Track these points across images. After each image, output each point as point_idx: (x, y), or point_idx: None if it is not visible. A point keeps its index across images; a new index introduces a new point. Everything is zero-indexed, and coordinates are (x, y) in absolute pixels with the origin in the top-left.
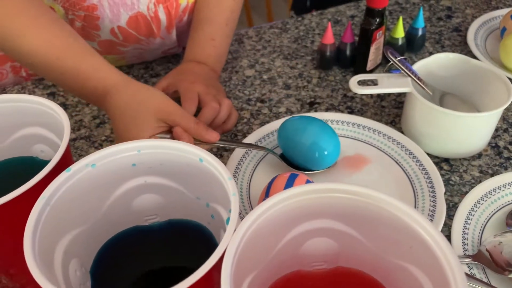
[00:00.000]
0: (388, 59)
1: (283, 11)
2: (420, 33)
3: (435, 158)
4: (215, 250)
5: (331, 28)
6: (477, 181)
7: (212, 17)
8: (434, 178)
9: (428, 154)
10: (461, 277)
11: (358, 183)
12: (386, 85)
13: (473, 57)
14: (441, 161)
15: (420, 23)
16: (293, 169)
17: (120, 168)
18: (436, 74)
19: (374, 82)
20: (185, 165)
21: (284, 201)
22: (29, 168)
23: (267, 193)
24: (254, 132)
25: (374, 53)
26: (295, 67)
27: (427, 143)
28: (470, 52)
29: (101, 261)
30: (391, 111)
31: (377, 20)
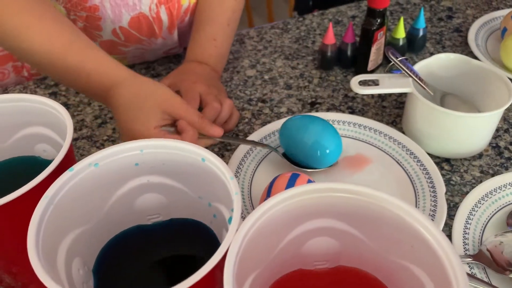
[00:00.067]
0: (389, 60)
1: (283, 12)
2: (421, 33)
3: (436, 158)
4: (218, 249)
5: (332, 29)
6: (478, 181)
7: (213, 17)
8: (435, 178)
9: (429, 154)
10: (462, 276)
11: (359, 183)
12: (387, 85)
13: (474, 57)
14: (442, 161)
15: (421, 24)
16: (296, 167)
17: (122, 168)
18: (437, 75)
19: (375, 82)
20: (188, 164)
21: (285, 200)
22: (31, 167)
23: (268, 192)
24: (256, 132)
25: (375, 54)
26: (296, 67)
27: (428, 143)
28: (471, 53)
29: (104, 260)
30: (392, 111)
31: (378, 20)
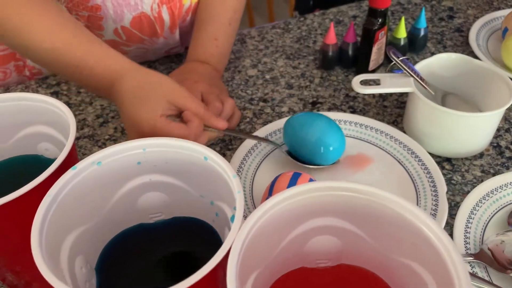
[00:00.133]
0: (391, 59)
1: (284, 12)
2: (422, 33)
3: (437, 158)
4: (221, 247)
5: (333, 28)
6: (479, 181)
7: (215, 16)
8: (436, 178)
9: (430, 154)
10: (464, 273)
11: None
12: (389, 85)
13: (475, 57)
14: (443, 160)
15: (422, 24)
16: (299, 163)
17: (125, 166)
18: (438, 74)
19: (377, 82)
20: (190, 163)
21: (288, 199)
22: (34, 166)
23: (270, 191)
24: (257, 131)
25: (376, 53)
26: (297, 67)
27: (429, 143)
28: (472, 53)
29: (106, 258)
30: (393, 111)
31: (380, 20)
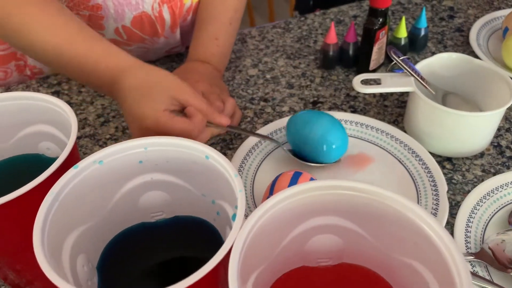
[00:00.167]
0: (391, 59)
1: (285, 12)
2: (422, 33)
3: (437, 157)
4: (222, 246)
5: (334, 28)
6: (480, 180)
7: (215, 16)
8: (437, 177)
9: (430, 153)
10: (465, 272)
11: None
12: (389, 84)
13: (476, 57)
14: (444, 160)
15: (423, 23)
16: (301, 161)
17: (127, 165)
18: (439, 74)
19: (377, 82)
20: (191, 162)
21: (289, 198)
22: (35, 165)
23: (271, 191)
24: (258, 131)
25: (377, 53)
26: (298, 67)
27: (430, 142)
28: (472, 52)
29: (108, 257)
30: (394, 110)
31: (380, 20)
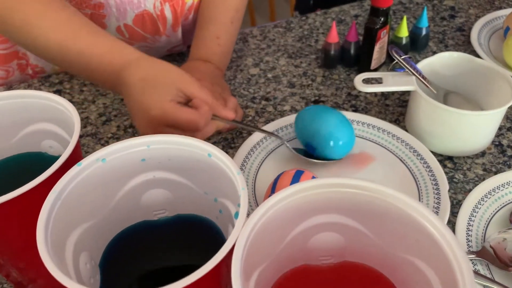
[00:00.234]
0: (393, 58)
1: (285, 12)
2: (423, 32)
3: (439, 156)
4: (225, 243)
5: (335, 27)
6: (481, 179)
7: (217, 15)
8: (438, 176)
9: (432, 152)
10: (467, 270)
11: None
12: (391, 83)
13: (477, 56)
14: (445, 159)
15: (424, 23)
16: (304, 157)
17: (129, 163)
18: (440, 73)
19: (379, 81)
20: (194, 160)
21: (291, 196)
22: (38, 163)
23: (273, 189)
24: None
25: (378, 52)
26: (299, 66)
27: (431, 141)
28: (473, 52)
29: (110, 254)
30: (395, 109)
31: (382, 19)
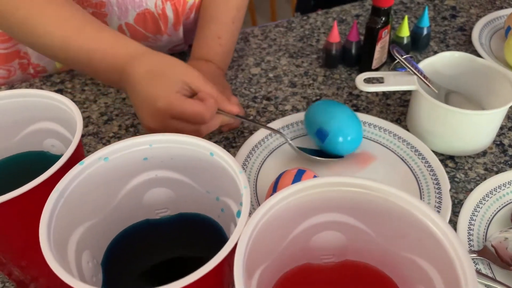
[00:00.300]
0: (394, 58)
1: (286, 12)
2: (425, 32)
3: (440, 156)
4: (227, 242)
5: (337, 27)
6: (482, 179)
7: (218, 15)
8: (440, 175)
9: (433, 152)
10: (469, 268)
11: None
12: (392, 83)
13: (478, 56)
14: (446, 158)
15: (425, 22)
16: (307, 154)
17: (132, 162)
18: (441, 73)
19: (380, 80)
20: (196, 159)
21: (293, 195)
22: (40, 162)
23: (274, 189)
24: (261, 130)
25: (380, 52)
26: (300, 66)
27: (433, 141)
28: (474, 51)
29: (112, 253)
30: (396, 109)
31: (383, 19)
